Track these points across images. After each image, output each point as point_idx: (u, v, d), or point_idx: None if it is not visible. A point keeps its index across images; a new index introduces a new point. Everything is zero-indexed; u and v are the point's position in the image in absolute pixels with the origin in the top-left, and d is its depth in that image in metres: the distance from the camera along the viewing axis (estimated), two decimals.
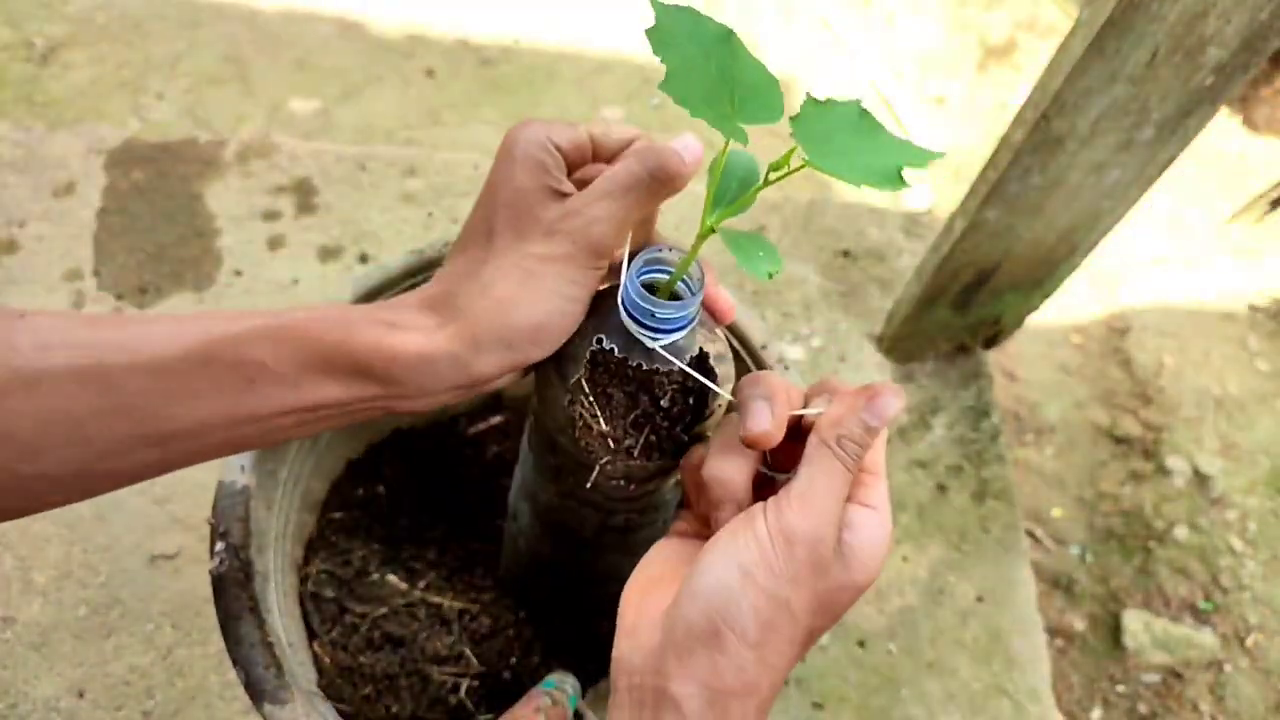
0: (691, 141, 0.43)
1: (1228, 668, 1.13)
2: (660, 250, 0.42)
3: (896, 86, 1.74)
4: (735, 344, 0.63)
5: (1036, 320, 1.08)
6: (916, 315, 0.99)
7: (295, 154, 1.15)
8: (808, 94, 0.37)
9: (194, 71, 1.49)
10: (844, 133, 0.37)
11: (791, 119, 0.36)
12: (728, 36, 0.37)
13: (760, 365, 0.62)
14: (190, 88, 1.47)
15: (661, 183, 0.41)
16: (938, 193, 1.60)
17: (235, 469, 0.55)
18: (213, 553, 0.51)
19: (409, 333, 0.39)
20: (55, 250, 1.02)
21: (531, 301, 0.39)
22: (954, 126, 1.71)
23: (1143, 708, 1.10)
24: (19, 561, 0.83)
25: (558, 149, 0.42)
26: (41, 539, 0.84)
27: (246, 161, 1.13)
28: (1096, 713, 1.10)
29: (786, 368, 0.62)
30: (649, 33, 0.36)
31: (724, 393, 0.42)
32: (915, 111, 1.71)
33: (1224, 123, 1.78)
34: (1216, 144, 1.75)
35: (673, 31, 0.36)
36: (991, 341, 1.08)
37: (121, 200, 1.07)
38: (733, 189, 0.40)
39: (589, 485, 0.42)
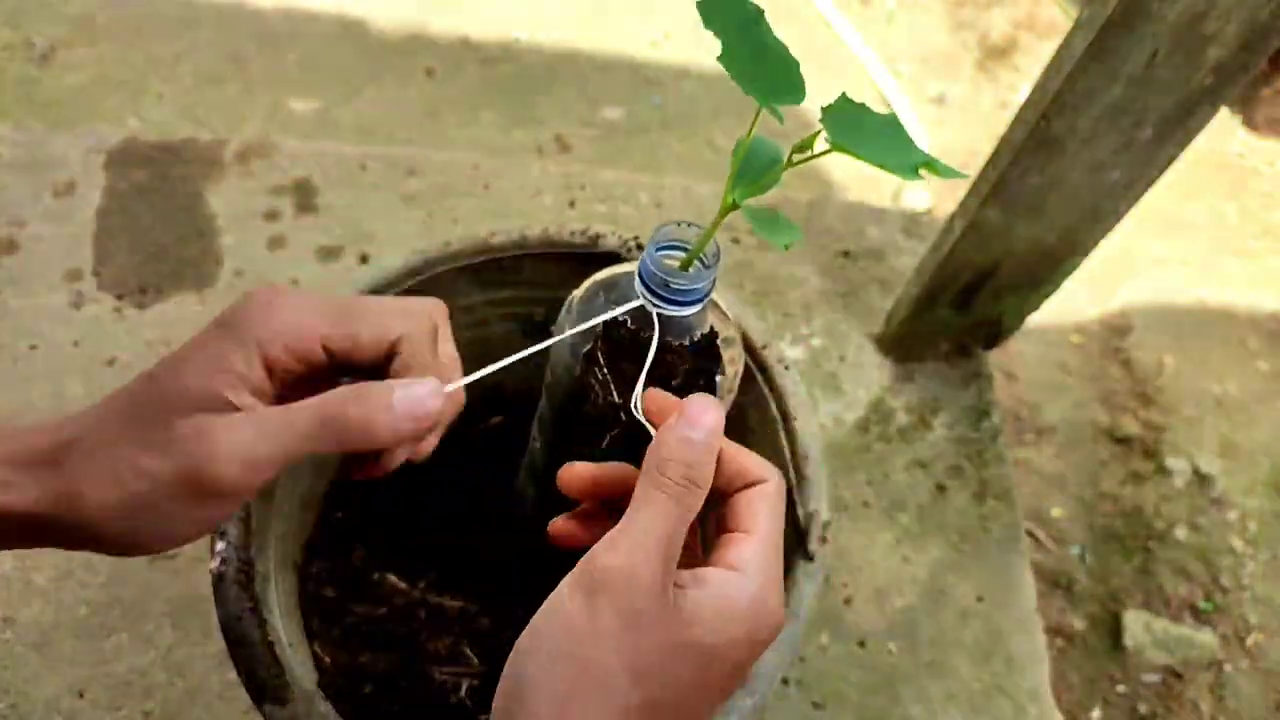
0: (422, 389, 0.36)
1: (1228, 668, 1.14)
2: (679, 226, 0.41)
3: (896, 86, 1.74)
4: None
5: (1036, 320, 1.08)
6: (916, 315, 0.99)
7: (295, 154, 1.15)
8: (843, 94, 0.38)
9: (194, 71, 1.49)
10: (872, 131, 0.38)
11: (824, 107, 0.37)
12: (759, 17, 0.38)
13: (760, 365, 0.62)
14: (190, 88, 1.47)
15: (346, 438, 0.35)
16: (938, 193, 1.60)
17: None
18: (213, 553, 0.51)
19: (8, 491, 0.34)
20: (55, 250, 1.02)
21: (104, 512, 0.34)
22: (954, 126, 1.71)
23: (1143, 708, 1.10)
24: (19, 562, 0.83)
25: (298, 353, 0.36)
26: None
27: (247, 161, 1.13)
28: (1096, 713, 1.10)
29: (787, 368, 0.62)
30: (700, 5, 0.36)
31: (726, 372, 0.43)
32: (915, 111, 1.71)
33: (1224, 123, 1.78)
34: (1216, 144, 1.75)
35: (718, 7, 0.37)
36: (991, 341, 1.08)
37: (122, 200, 1.08)
38: (755, 169, 0.40)
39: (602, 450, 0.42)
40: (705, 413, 0.35)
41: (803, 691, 0.85)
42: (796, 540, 0.56)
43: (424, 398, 0.37)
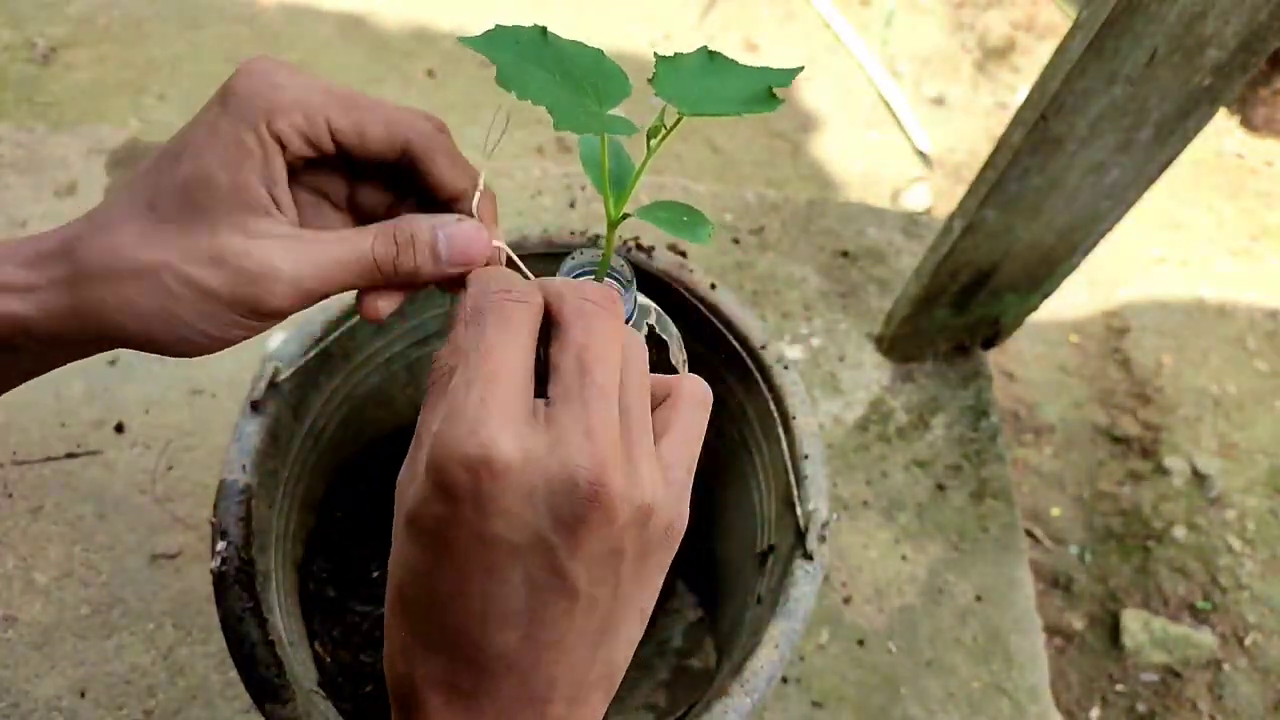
0: (469, 235, 0.35)
1: (1226, 667, 1.14)
2: (584, 252, 0.41)
3: (895, 86, 1.74)
4: (735, 344, 0.64)
5: (1035, 320, 1.08)
6: (915, 315, 0.99)
7: None
8: (655, 54, 0.36)
9: (195, 72, 1.49)
10: (702, 78, 0.37)
11: (650, 80, 0.35)
12: (544, 33, 0.36)
13: (760, 365, 0.63)
14: (192, 88, 1.47)
15: (392, 279, 0.35)
16: (937, 193, 1.60)
17: (237, 468, 0.55)
18: (214, 552, 0.52)
19: (6, 297, 0.32)
20: None
21: (141, 313, 0.32)
22: (953, 126, 1.72)
23: (1141, 707, 1.10)
24: (20, 561, 0.83)
25: (307, 135, 0.33)
26: (43, 538, 0.84)
27: None
28: (1095, 712, 1.10)
29: (786, 367, 0.62)
30: (499, 79, 0.33)
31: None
32: (914, 112, 1.71)
33: (1223, 123, 1.78)
34: (1215, 144, 1.75)
35: (509, 58, 0.35)
36: (990, 341, 1.08)
37: None
38: (617, 172, 0.39)
39: None
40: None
41: (802, 690, 0.85)
42: (796, 539, 0.57)
43: (470, 240, 0.36)
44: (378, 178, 0.38)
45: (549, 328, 0.32)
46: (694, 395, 0.34)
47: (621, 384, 0.31)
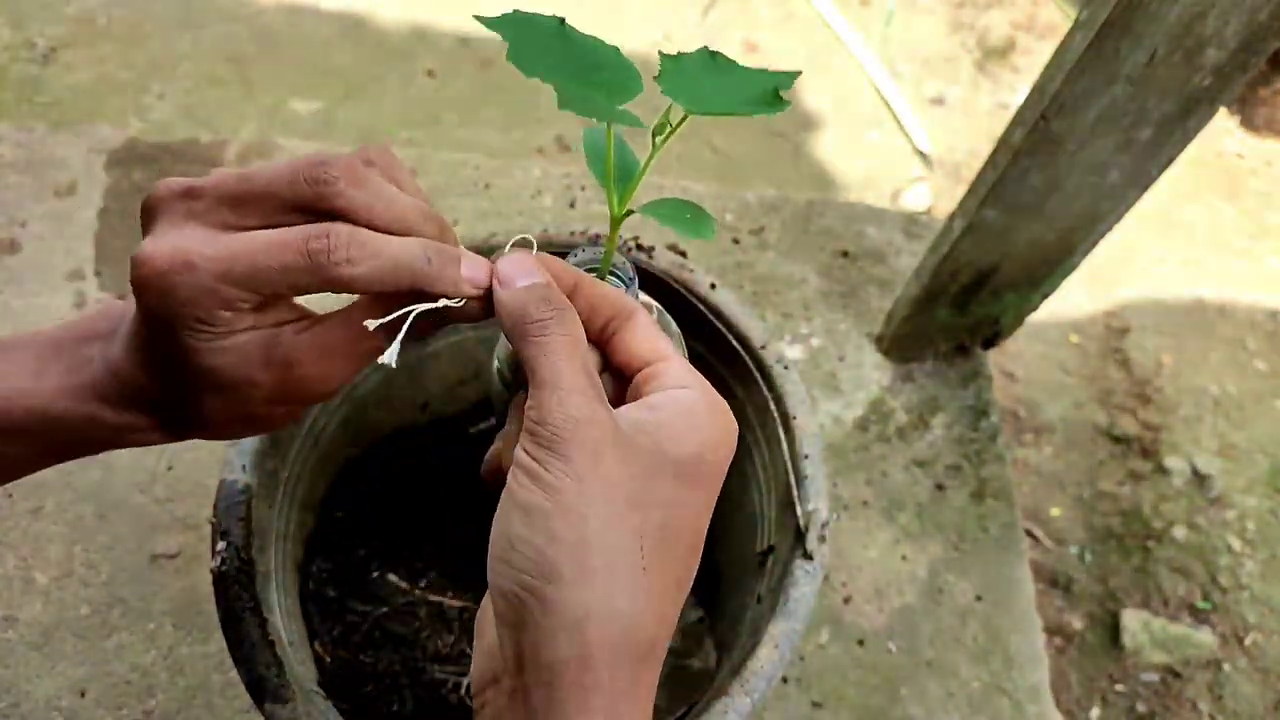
0: (475, 265, 0.35)
1: (1226, 667, 1.14)
2: (585, 250, 0.42)
3: (895, 86, 1.74)
4: (735, 344, 0.64)
5: (1035, 320, 1.08)
6: (915, 315, 0.99)
7: (296, 154, 1.15)
8: (660, 52, 0.37)
9: (195, 72, 1.49)
10: (706, 77, 0.37)
11: (657, 78, 0.36)
12: (562, 24, 0.36)
13: (760, 365, 0.63)
14: (191, 88, 1.47)
15: (310, 260, 0.32)
16: (937, 193, 1.60)
17: (236, 468, 0.55)
18: (214, 552, 0.52)
19: (136, 435, 0.36)
20: (57, 250, 1.02)
21: (254, 430, 0.38)
22: (953, 126, 1.72)
23: (1141, 707, 1.10)
24: (20, 561, 0.83)
25: (228, 304, 0.31)
26: (43, 538, 0.84)
27: (248, 162, 1.13)
28: (1095, 712, 1.10)
29: (786, 367, 0.62)
30: (510, 56, 0.34)
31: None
32: (914, 112, 1.71)
33: (1223, 123, 1.78)
34: (1215, 144, 1.75)
35: (521, 40, 0.35)
36: (990, 341, 1.08)
37: (123, 200, 1.08)
38: (620, 169, 0.39)
39: None
40: (517, 265, 0.34)
41: (802, 690, 0.85)
42: (796, 539, 0.57)
43: (477, 278, 0.35)
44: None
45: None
46: (647, 314, 0.37)
47: None
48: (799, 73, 0.38)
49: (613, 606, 0.29)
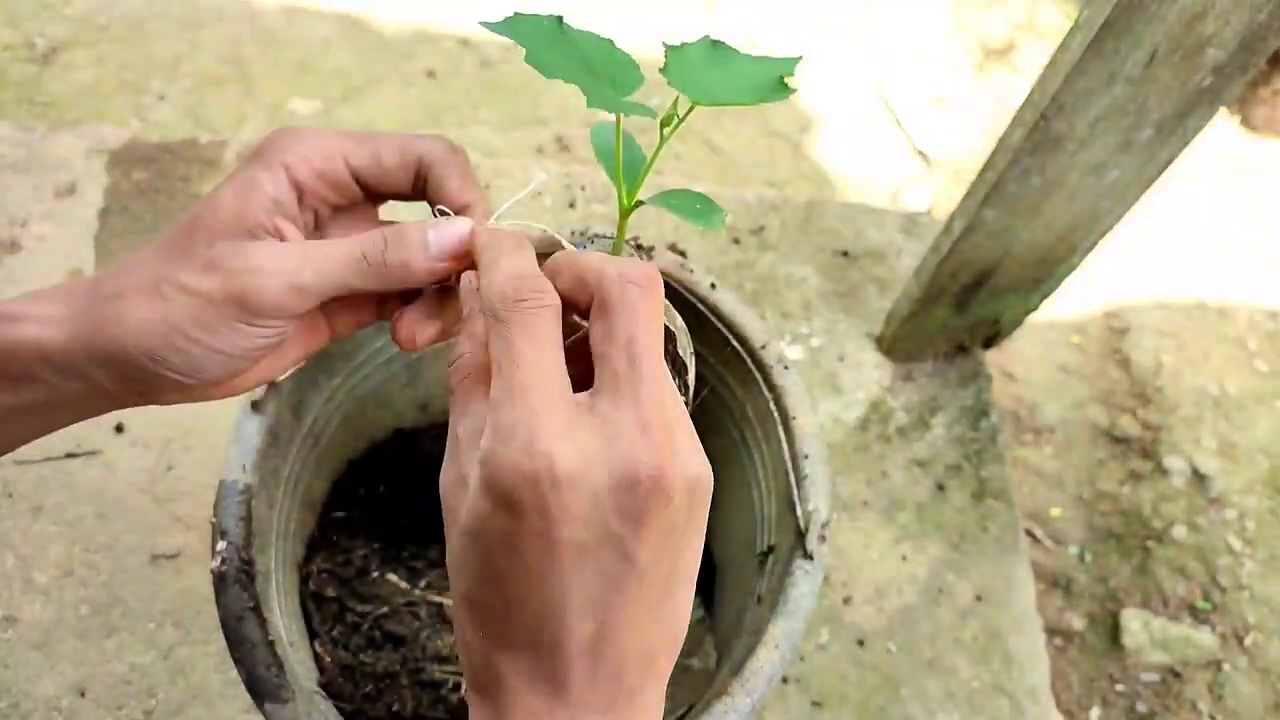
0: (456, 228, 0.37)
1: (1226, 667, 1.14)
2: (594, 243, 0.42)
3: (896, 86, 1.74)
4: (735, 344, 0.64)
5: (1035, 320, 1.08)
6: (915, 315, 0.99)
7: None
8: (664, 44, 0.37)
9: (195, 72, 1.49)
10: (709, 67, 0.37)
11: (662, 70, 0.36)
12: (560, 23, 0.37)
13: (760, 365, 0.63)
14: (192, 88, 1.47)
15: (386, 275, 0.36)
16: (937, 193, 1.60)
17: (237, 468, 0.55)
18: (214, 552, 0.52)
19: (24, 324, 0.34)
20: (57, 250, 1.02)
21: (141, 325, 0.34)
22: (953, 127, 1.72)
23: (1141, 707, 1.10)
24: (20, 561, 0.83)
25: (325, 175, 0.36)
26: (43, 538, 0.84)
27: None
28: (1095, 712, 1.10)
29: (786, 367, 0.62)
30: (529, 59, 0.34)
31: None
32: (915, 112, 1.71)
33: (1223, 123, 1.78)
34: (1216, 144, 1.75)
35: (533, 43, 0.35)
36: (990, 341, 1.08)
37: (123, 200, 1.08)
38: (629, 162, 0.39)
39: None
40: (490, 244, 0.35)
41: (802, 690, 0.85)
42: (796, 539, 0.57)
43: (457, 234, 0.37)
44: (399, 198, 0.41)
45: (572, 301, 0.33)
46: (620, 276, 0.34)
47: None
48: (800, 58, 0.38)
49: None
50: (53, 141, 1.11)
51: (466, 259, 0.37)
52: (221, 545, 0.51)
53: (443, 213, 0.39)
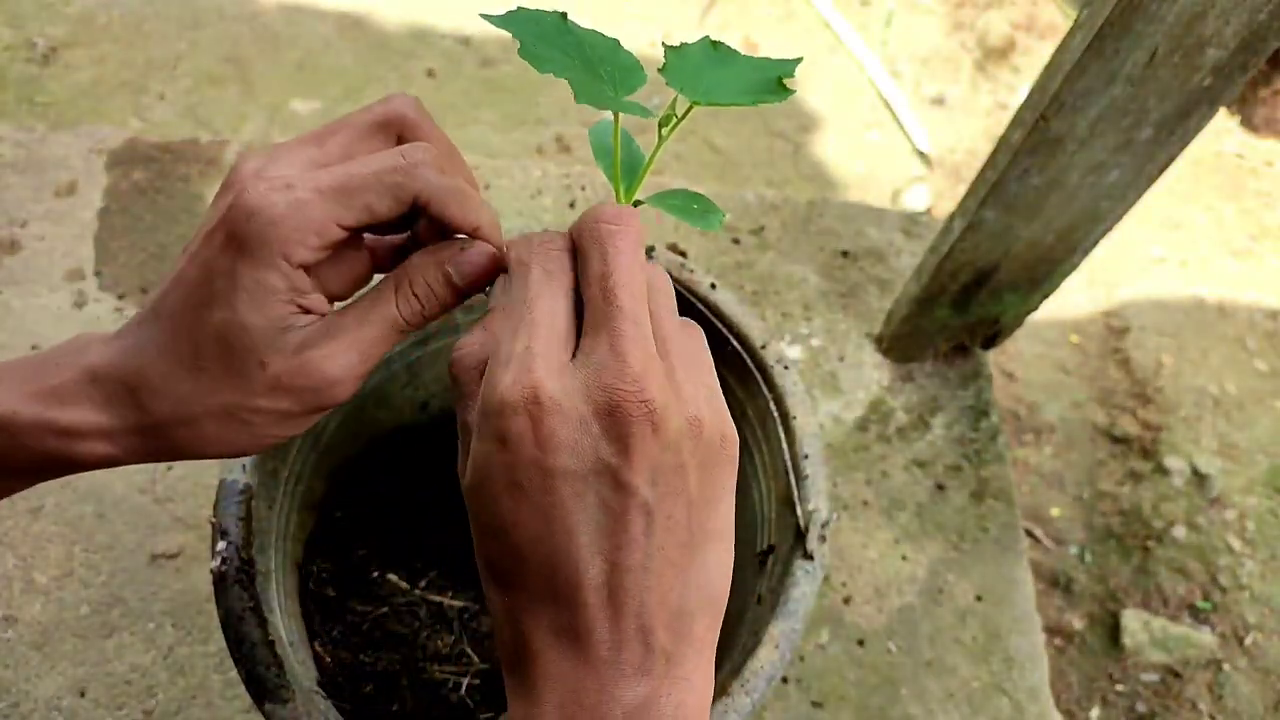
0: (474, 257, 0.37)
1: (1226, 667, 1.14)
2: None
3: (895, 86, 1.74)
4: (735, 344, 0.64)
5: (1035, 320, 1.08)
6: (915, 315, 0.99)
7: None
8: (663, 44, 0.37)
9: (195, 72, 1.50)
10: (709, 68, 0.37)
11: (661, 70, 0.36)
12: (563, 19, 0.37)
13: (760, 365, 0.63)
14: (192, 88, 1.47)
15: (423, 320, 0.37)
16: (937, 193, 1.60)
17: (237, 468, 0.55)
18: (214, 552, 0.52)
19: (87, 441, 0.34)
20: (57, 250, 1.02)
21: (231, 442, 0.35)
22: (952, 126, 1.72)
23: (1141, 707, 1.10)
24: (20, 561, 0.83)
25: (322, 247, 0.34)
26: (43, 538, 0.84)
27: None
28: (1095, 712, 1.10)
29: (786, 367, 0.62)
30: (522, 53, 0.35)
31: None
32: (914, 111, 1.71)
33: (1223, 123, 1.78)
34: (1215, 144, 1.75)
35: (530, 36, 0.35)
36: (990, 341, 1.08)
37: (123, 200, 1.08)
38: (627, 161, 0.39)
39: None
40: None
41: (802, 690, 0.85)
42: (796, 539, 0.57)
43: (478, 261, 0.37)
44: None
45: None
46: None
47: (652, 314, 0.33)
48: (800, 59, 0.38)
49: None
50: (53, 141, 1.11)
51: (489, 275, 0.38)
52: (221, 545, 0.51)
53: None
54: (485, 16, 0.36)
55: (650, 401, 0.29)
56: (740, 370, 0.64)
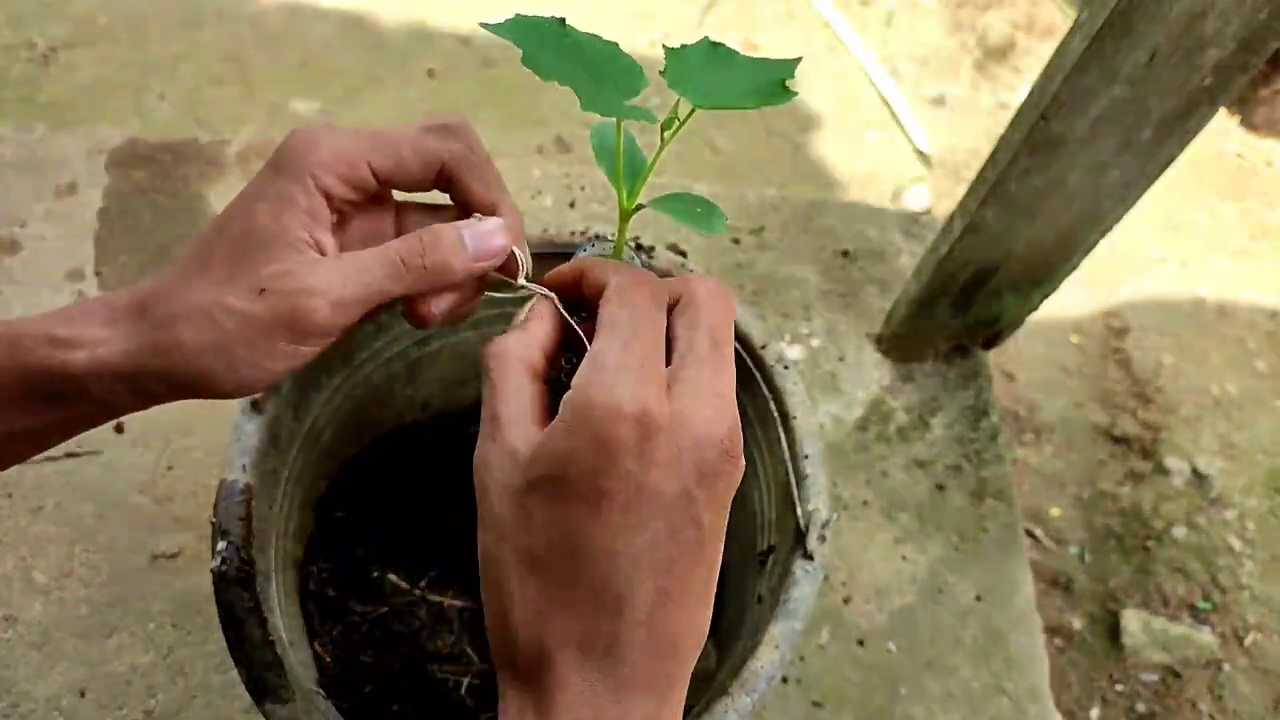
0: (489, 228, 0.38)
1: (1226, 667, 1.14)
2: (595, 244, 0.42)
3: (895, 86, 1.74)
4: (735, 344, 0.64)
5: (1035, 320, 1.08)
6: (915, 315, 0.99)
7: None
8: (663, 45, 0.37)
9: (195, 72, 1.49)
10: (709, 70, 0.37)
11: (662, 73, 0.36)
12: (562, 25, 0.37)
13: (760, 365, 0.63)
14: (192, 88, 1.47)
15: (425, 279, 0.37)
16: (937, 193, 1.60)
17: (237, 468, 0.55)
18: (214, 552, 0.52)
19: (78, 350, 0.35)
20: (57, 250, 1.02)
21: (202, 352, 0.35)
22: (953, 126, 1.72)
23: (1141, 707, 1.10)
24: (20, 561, 0.83)
25: (350, 180, 0.37)
26: (43, 538, 0.84)
27: (248, 162, 1.14)
28: (1095, 712, 1.10)
29: (786, 367, 0.62)
30: (526, 61, 0.35)
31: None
32: (914, 111, 1.71)
33: (1223, 123, 1.78)
34: (1215, 144, 1.75)
35: (531, 45, 0.36)
36: (990, 341, 1.08)
37: (123, 200, 1.08)
38: (629, 164, 0.39)
39: None
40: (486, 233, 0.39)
41: (802, 690, 0.85)
42: (796, 539, 0.57)
43: (492, 233, 0.38)
44: (422, 213, 0.42)
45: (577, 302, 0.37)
46: (619, 285, 0.37)
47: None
48: (799, 59, 0.38)
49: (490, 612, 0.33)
50: (53, 141, 1.11)
51: (500, 257, 0.39)
52: (221, 545, 0.51)
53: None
54: (485, 25, 0.36)
55: (736, 458, 0.32)
56: (740, 370, 0.64)
